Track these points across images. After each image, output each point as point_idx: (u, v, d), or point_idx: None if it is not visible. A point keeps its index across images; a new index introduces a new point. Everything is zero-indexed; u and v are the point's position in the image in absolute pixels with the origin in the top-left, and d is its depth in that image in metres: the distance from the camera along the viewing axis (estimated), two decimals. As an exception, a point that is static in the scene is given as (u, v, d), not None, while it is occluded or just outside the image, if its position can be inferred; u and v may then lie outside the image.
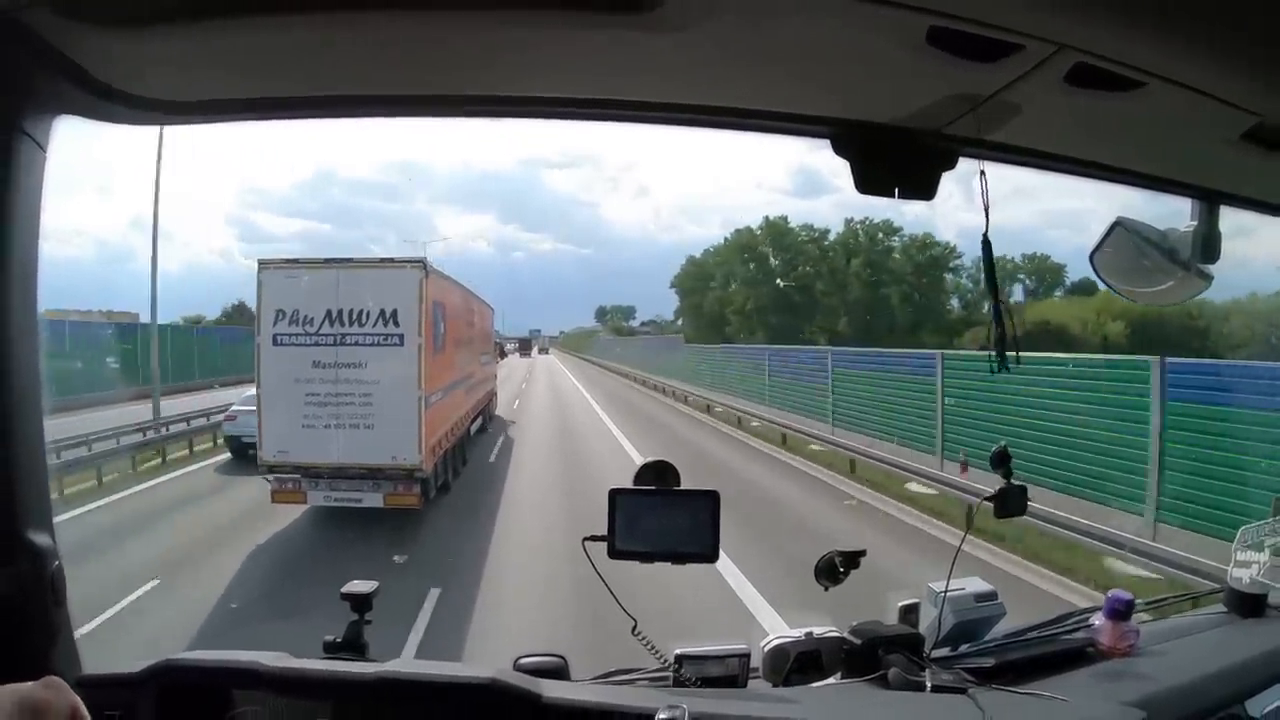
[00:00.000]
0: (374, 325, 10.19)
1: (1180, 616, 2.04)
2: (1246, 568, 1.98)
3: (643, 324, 75.18)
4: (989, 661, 1.61)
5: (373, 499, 10.26)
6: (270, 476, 10.31)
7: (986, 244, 1.54)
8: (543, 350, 75.92)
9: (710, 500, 1.47)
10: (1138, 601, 1.82)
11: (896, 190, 1.36)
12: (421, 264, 10.60)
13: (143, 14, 0.99)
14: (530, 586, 7.59)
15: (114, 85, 1.14)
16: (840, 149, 1.32)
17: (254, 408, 10.68)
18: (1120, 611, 1.73)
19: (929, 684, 1.51)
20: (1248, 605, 1.92)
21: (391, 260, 10.75)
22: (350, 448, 10.13)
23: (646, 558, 1.46)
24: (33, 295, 1.22)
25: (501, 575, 8.18)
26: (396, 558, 8.18)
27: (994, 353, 1.38)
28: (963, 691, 1.49)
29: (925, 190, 1.37)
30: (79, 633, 1.31)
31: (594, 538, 1.47)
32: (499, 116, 1.34)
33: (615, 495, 1.46)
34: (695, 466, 12.44)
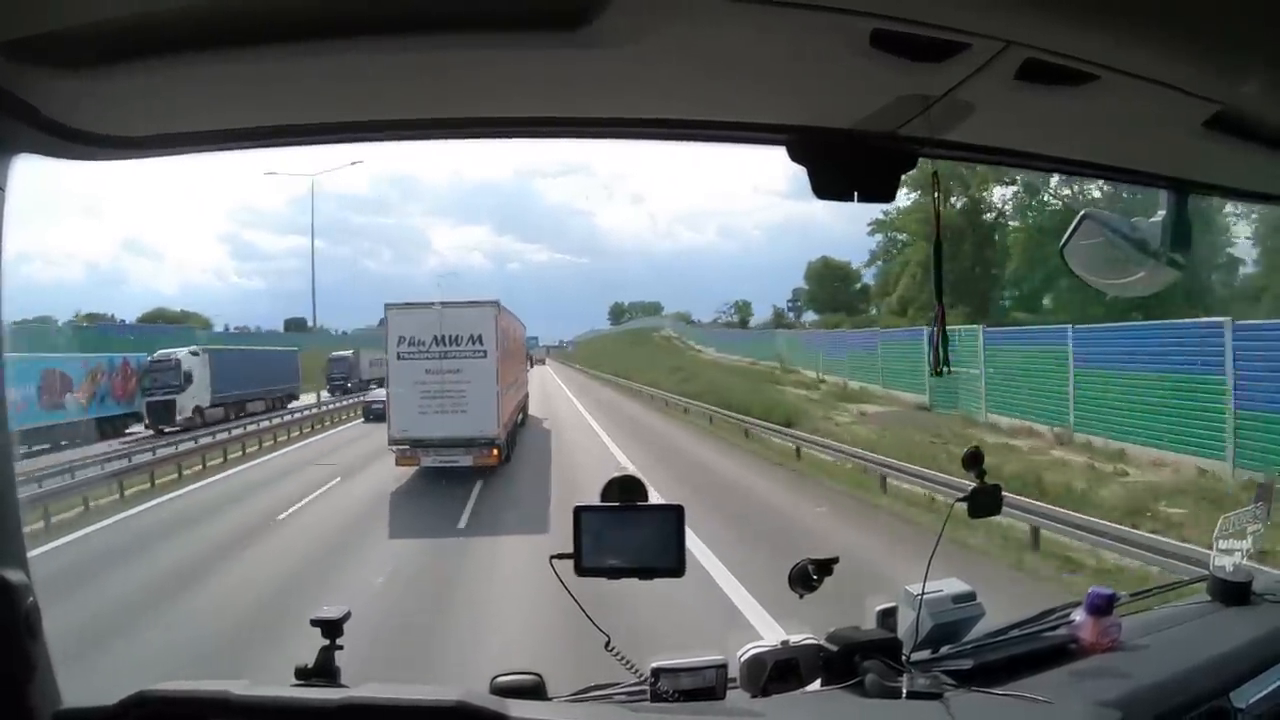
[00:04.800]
0: (466, 344, 13.25)
1: (1164, 607, 1.77)
2: (1230, 555, 1.75)
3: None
4: (968, 663, 1.40)
5: (464, 460, 12.95)
6: (395, 448, 13.06)
7: (938, 246, 1.39)
8: (539, 361, 60.39)
9: (675, 514, 1.29)
10: (1121, 594, 1.58)
11: (856, 194, 1.21)
12: (495, 304, 13.74)
13: (98, 54, 0.86)
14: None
15: (70, 124, 1.01)
16: (796, 155, 1.16)
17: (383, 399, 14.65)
18: (1101, 607, 1.49)
19: (905, 690, 1.31)
20: (1232, 593, 1.67)
21: (476, 302, 13.77)
22: (450, 426, 12.97)
23: (614, 573, 1.28)
24: None
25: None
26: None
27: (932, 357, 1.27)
28: (939, 697, 1.29)
29: (885, 193, 1.21)
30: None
31: (561, 555, 1.31)
32: (453, 138, 1.21)
33: (580, 512, 1.29)
34: None
